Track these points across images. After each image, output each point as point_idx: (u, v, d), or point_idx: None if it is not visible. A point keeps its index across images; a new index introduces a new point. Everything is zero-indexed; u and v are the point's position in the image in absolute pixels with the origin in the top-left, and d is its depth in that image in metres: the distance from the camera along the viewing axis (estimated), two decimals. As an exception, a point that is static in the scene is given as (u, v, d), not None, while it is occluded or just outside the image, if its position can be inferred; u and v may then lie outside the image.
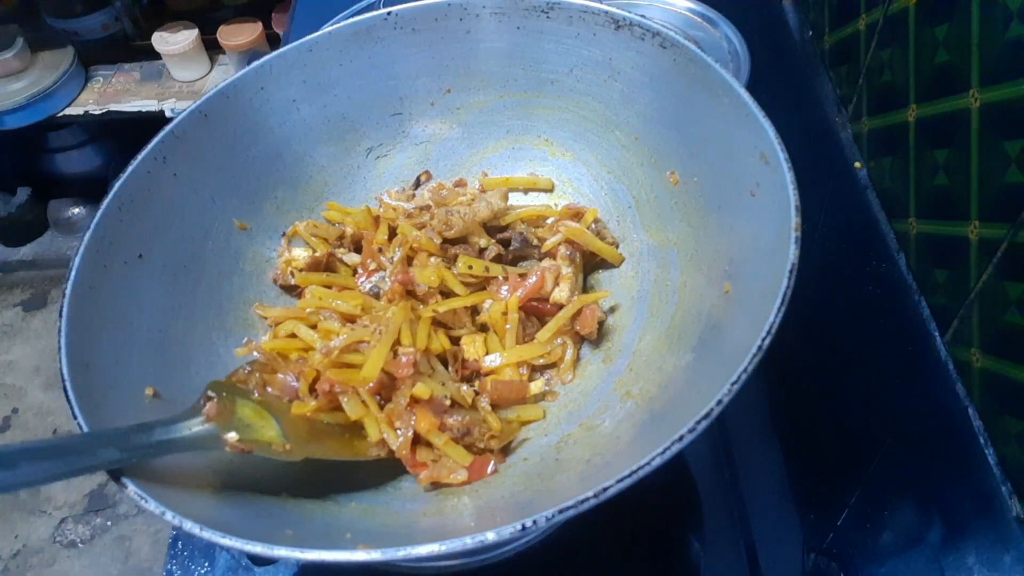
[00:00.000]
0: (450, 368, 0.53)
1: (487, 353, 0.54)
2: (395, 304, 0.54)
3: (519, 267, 0.59)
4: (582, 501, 0.35)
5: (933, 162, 0.47)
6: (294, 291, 0.60)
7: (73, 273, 0.47)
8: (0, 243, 1.95)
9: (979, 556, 0.43)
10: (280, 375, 0.50)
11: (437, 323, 0.54)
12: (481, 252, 0.58)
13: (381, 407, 0.49)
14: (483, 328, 0.56)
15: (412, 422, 0.48)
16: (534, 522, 0.34)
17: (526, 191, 0.64)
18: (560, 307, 0.55)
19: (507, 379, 0.53)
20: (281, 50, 0.60)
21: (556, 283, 0.56)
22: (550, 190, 0.64)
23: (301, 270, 0.59)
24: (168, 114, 1.62)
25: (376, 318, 0.53)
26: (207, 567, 0.61)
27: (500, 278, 0.56)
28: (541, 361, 0.55)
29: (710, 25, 0.86)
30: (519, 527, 0.34)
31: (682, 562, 0.62)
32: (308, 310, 0.56)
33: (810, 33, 0.72)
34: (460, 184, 0.64)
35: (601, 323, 0.55)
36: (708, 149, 0.52)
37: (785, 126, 0.46)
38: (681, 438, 0.36)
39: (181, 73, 1.65)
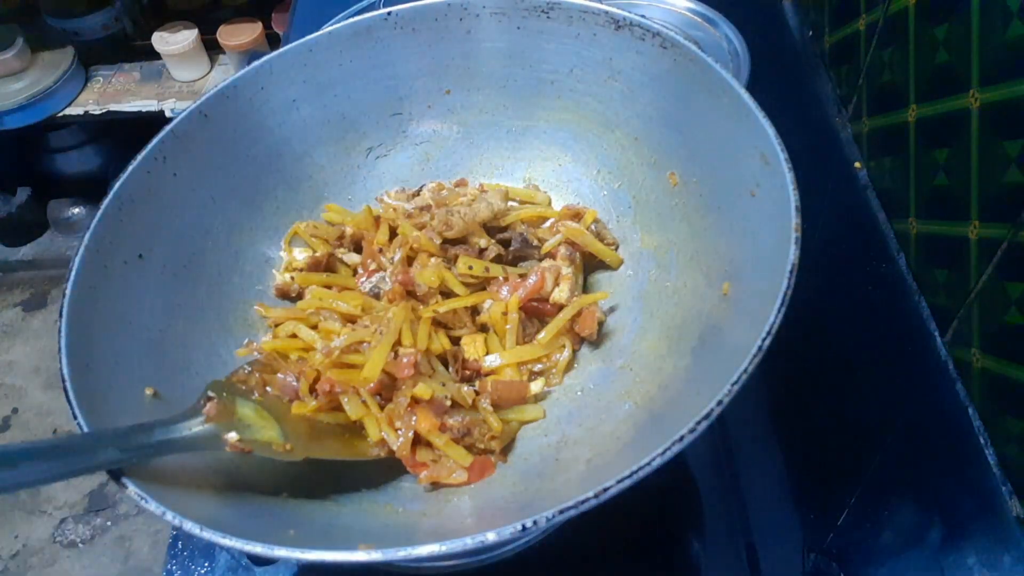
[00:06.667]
0: (450, 368, 0.53)
1: (487, 353, 0.54)
2: (395, 304, 0.54)
3: (519, 267, 0.59)
4: (582, 501, 0.35)
5: (933, 162, 0.47)
6: (296, 301, 0.60)
7: (73, 273, 0.47)
8: (0, 243, 1.95)
9: (979, 556, 0.43)
10: (280, 375, 0.50)
11: (437, 323, 0.54)
12: (481, 252, 0.58)
13: (381, 407, 0.49)
14: (483, 328, 0.56)
15: (413, 422, 0.48)
16: (534, 522, 0.34)
17: (522, 203, 0.64)
18: (560, 307, 0.55)
19: (507, 379, 0.53)
20: (281, 50, 0.60)
21: (556, 283, 0.56)
22: (547, 206, 0.63)
23: (301, 270, 0.59)
24: (168, 114, 1.62)
25: (376, 318, 0.53)
26: (207, 567, 0.61)
27: (500, 278, 0.56)
28: (539, 367, 0.55)
29: (710, 25, 0.86)
30: (519, 527, 0.34)
31: (682, 562, 0.62)
32: (308, 311, 0.56)
33: (810, 33, 0.72)
34: (460, 184, 0.64)
35: (601, 324, 0.55)
36: (708, 149, 0.52)
37: (785, 126, 0.46)
38: (681, 438, 0.36)
39: (181, 73, 1.65)
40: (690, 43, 0.52)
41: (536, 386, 0.54)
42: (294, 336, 0.55)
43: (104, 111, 1.63)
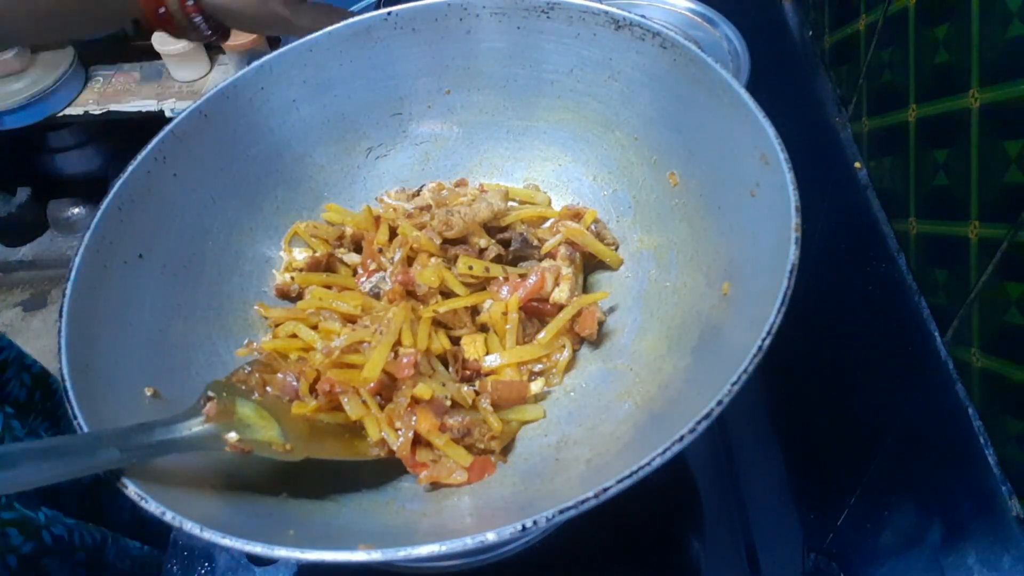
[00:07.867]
0: (450, 368, 0.53)
1: (487, 353, 0.54)
2: (395, 304, 0.54)
3: (519, 267, 0.59)
4: (582, 501, 0.35)
5: (933, 162, 0.47)
6: (296, 301, 0.60)
7: (73, 273, 0.47)
8: (0, 243, 1.95)
9: (979, 556, 0.43)
10: (280, 375, 0.50)
11: (437, 323, 0.54)
12: (481, 252, 0.58)
13: (381, 407, 0.49)
14: (483, 328, 0.56)
15: (413, 422, 0.48)
16: (534, 522, 0.34)
17: (522, 203, 0.64)
18: (560, 308, 0.55)
19: (507, 379, 0.53)
20: (281, 50, 0.60)
21: (556, 283, 0.56)
22: (547, 206, 0.63)
23: (301, 270, 0.59)
24: (168, 114, 1.62)
25: (376, 318, 0.53)
26: (207, 567, 0.62)
27: (500, 278, 0.56)
28: (539, 367, 0.55)
29: (710, 25, 0.86)
30: (519, 527, 0.34)
31: (682, 562, 0.62)
32: (309, 311, 0.56)
33: (810, 33, 0.72)
34: (460, 184, 0.64)
35: (601, 324, 0.55)
36: (708, 149, 0.52)
37: (785, 126, 0.46)
38: (681, 438, 0.36)
39: (181, 73, 1.65)
40: (690, 43, 0.52)
41: (536, 386, 0.54)
42: (294, 336, 0.55)
43: (104, 111, 1.63)
